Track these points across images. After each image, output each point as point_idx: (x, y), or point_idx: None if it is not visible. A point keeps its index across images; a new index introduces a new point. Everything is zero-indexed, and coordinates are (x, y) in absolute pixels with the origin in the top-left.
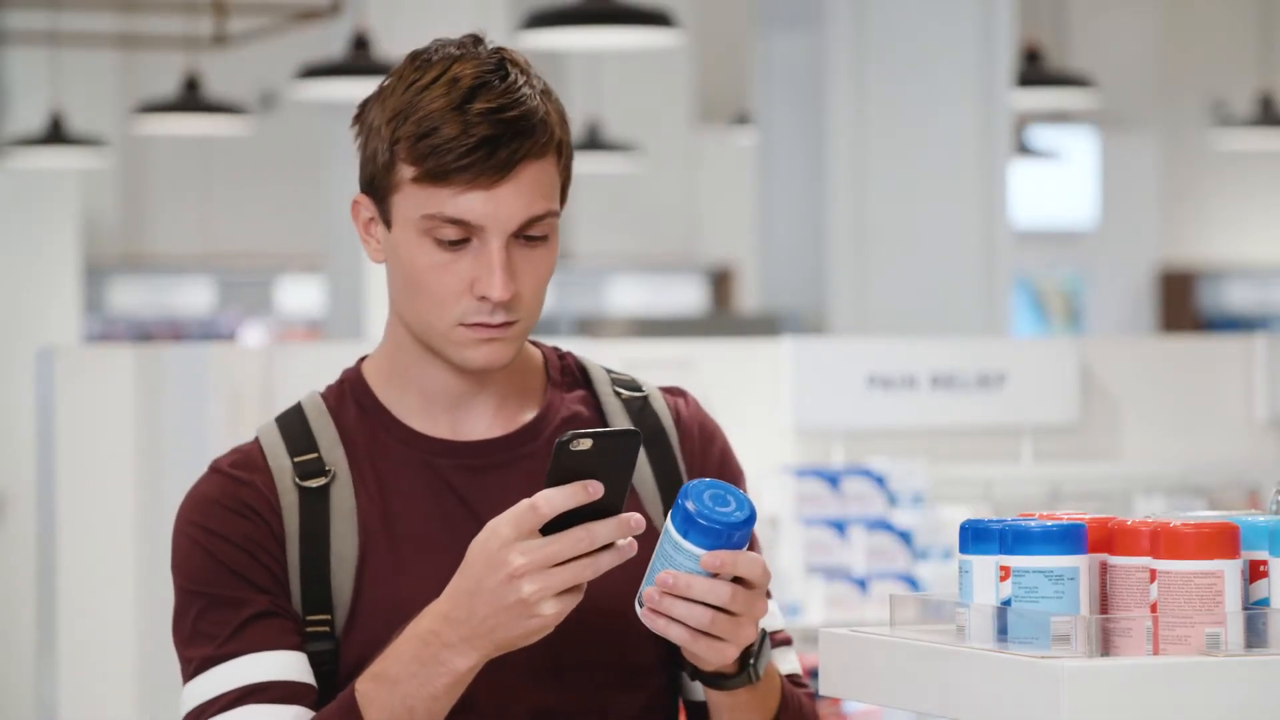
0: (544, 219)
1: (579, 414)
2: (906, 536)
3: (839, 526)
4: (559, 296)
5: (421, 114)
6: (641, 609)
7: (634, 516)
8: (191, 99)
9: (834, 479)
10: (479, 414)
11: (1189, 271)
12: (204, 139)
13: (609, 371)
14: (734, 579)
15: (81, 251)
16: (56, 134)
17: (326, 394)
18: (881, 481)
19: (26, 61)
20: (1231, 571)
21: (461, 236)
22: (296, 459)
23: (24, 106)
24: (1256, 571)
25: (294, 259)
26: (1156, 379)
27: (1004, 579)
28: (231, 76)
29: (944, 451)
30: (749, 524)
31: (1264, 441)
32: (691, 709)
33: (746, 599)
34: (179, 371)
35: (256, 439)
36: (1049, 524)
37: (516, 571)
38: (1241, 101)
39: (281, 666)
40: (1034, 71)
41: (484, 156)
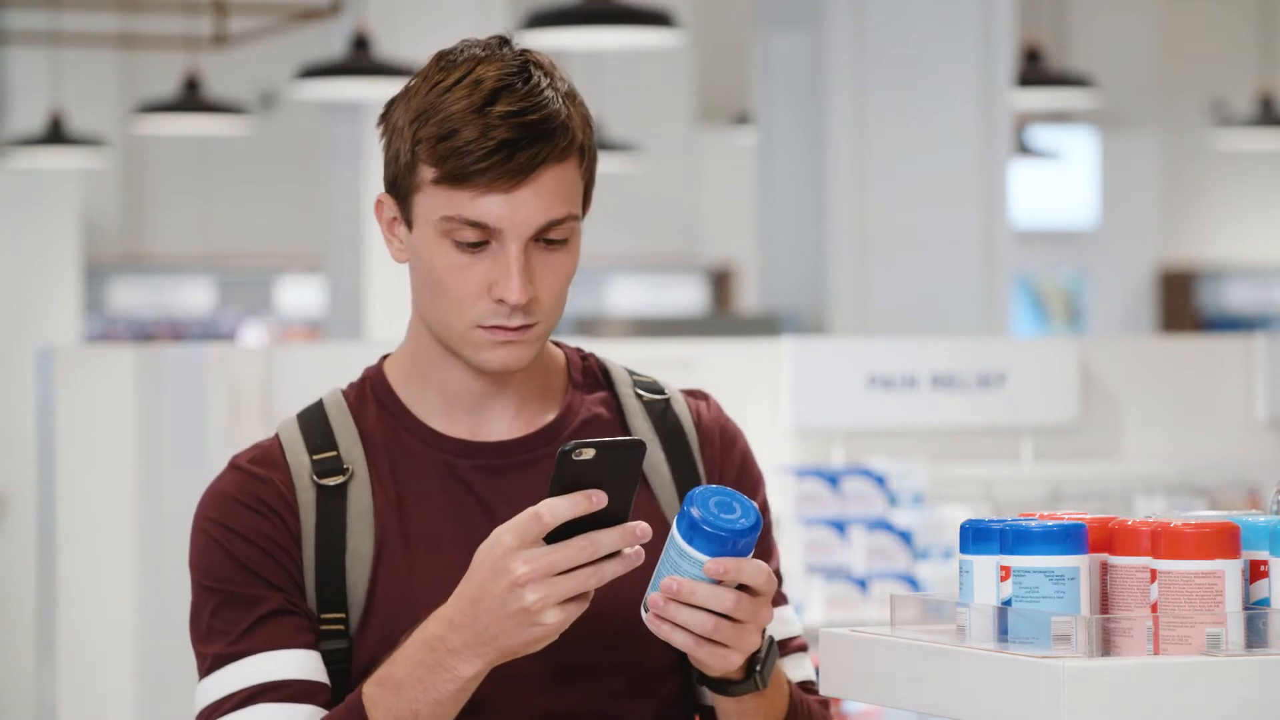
0: (564, 223)
1: (599, 415)
2: (906, 536)
3: (839, 526)
4: None
5: (443, 115)
6: (646, 614)
7: (640, 525)
8: (191, 99)
9: (834, 479)
10: (499, 415)
11: (1189, 271)
12: (204, 139)
13: (631, 373)
14: (739, 586)
15: (81, 251)
16: (56, 134)
17: (348, 391)
18: (881, 481)
19: (26, 61)
20: (1232, 571)
21: (480, 239)
22: (315, 457)
23: (24, 106)
24: (1257, 571)
25: (294, 259)
26: (1156, 379)
27: (1004, 579)
28: (231, 76)
29: (944, 451)
30: (754, 531)
31: (1264, 441)
32: (703, 714)
33: (751, 606)
34: (179, 371)
35: (277, 435)
36: (1049, 524)
37: (519, 580)
38: (1241, 101)
39: (294, 665)
40: (1034, 71)
41: (503, 159)
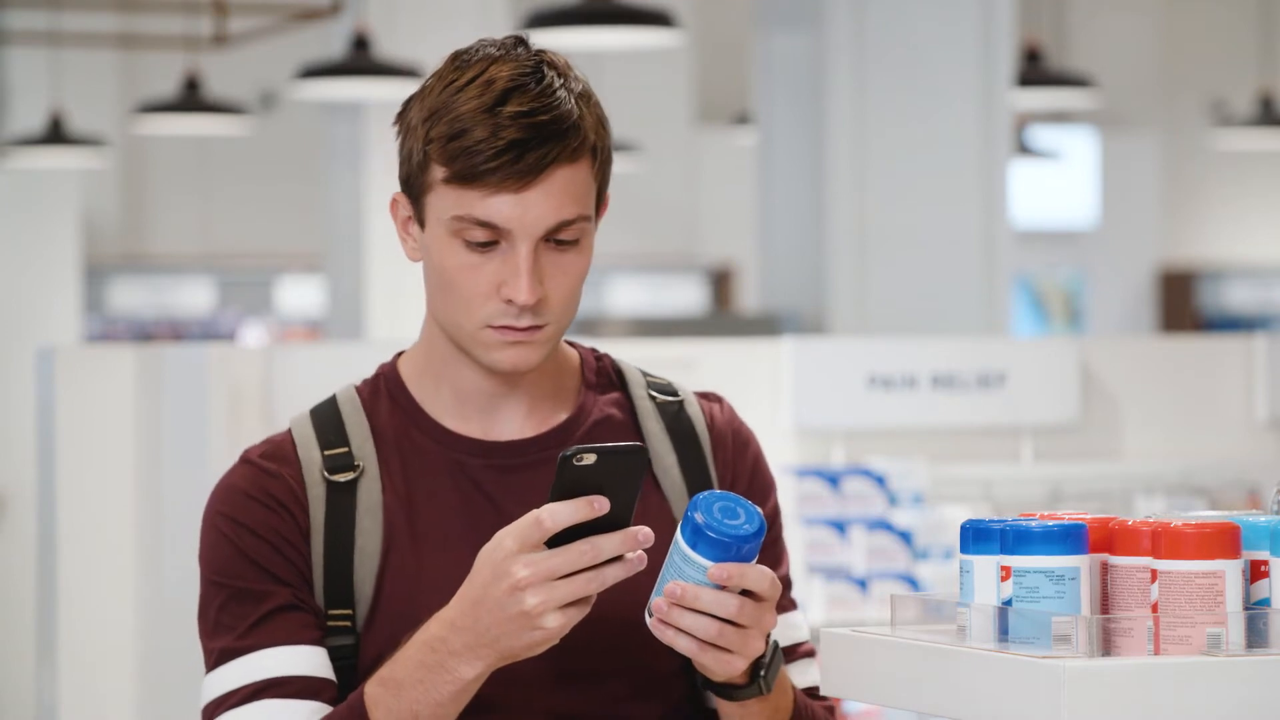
0: (574, 223)
1: (612, 416)
2: (906, 536)
3: (839, 526)
4: None
5: (454, 115)
6: (650, 619)
7: (642, 530)
8: (191, 99)
9: (834, 479)
10: (511, 414)
11: (1189, 271)
12: (204, 139)
13: (645, 374)
14: (743, 591)
15: (81, 251)
16: (56, 134)
17: (362, 388)
18: (881, 481)
19: (26, 61)
20: (1232, 571)
21: (490, 239)
22: (327, 452)
23: (24, 106)
24: (1257, 571)
25: (294, 259)
26: (1156, 379)
27: (1005, 579)
28: (231, 76)
29: (944, 451)
30: (758, 537)
31: (1264, 441)
32: (709, 718)
33: (754, 611)
34: (179, 371)
35: (289, 430)
36: (1050, 524)
37: (520, 583)
38: (1241, 101)
39: (300, 661)
40: (1034, 71)
41: (512, 160)
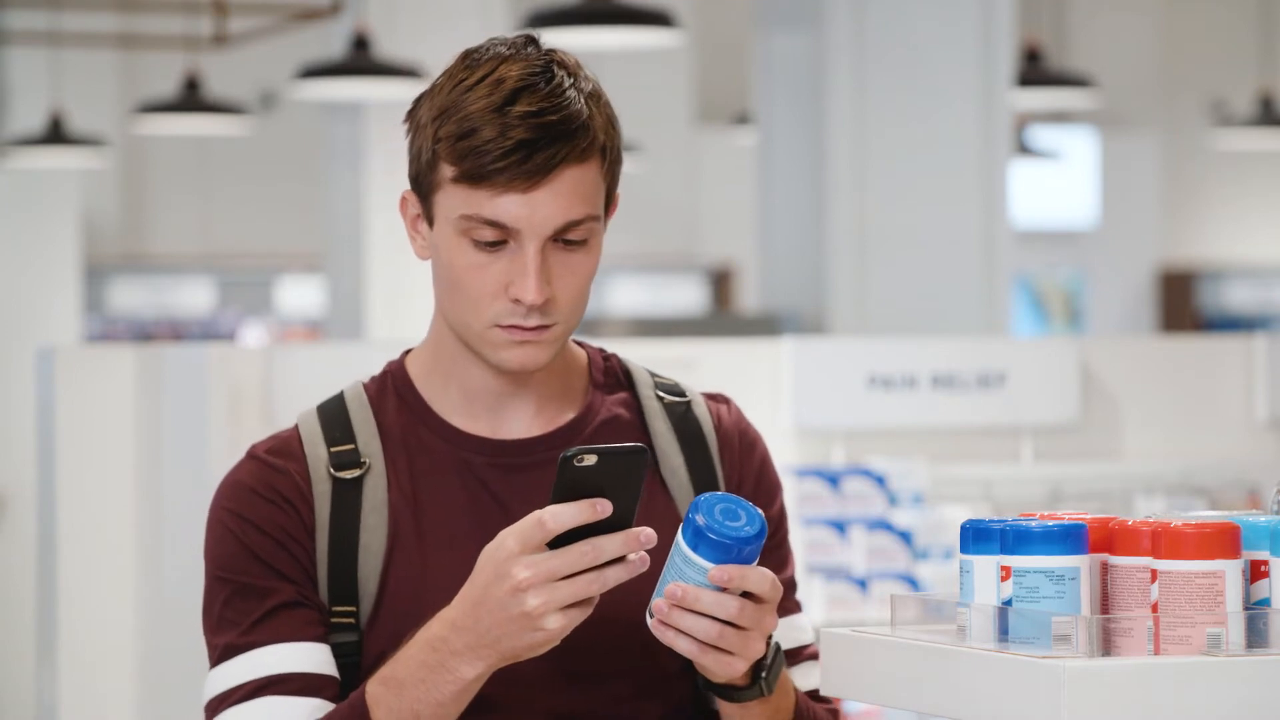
0: (583, 223)
1: (619, 416)
2: (906, 536)
3: (839, 526)
4: None
5: (463, 114)
6: (651, 620)
7: (644, 531)
8: (191, 99)
9: (834, 479)
10: (519, 413)
11: (1189, 271)
12: (204, 139)
13: (653, 375)
14: (744, 593)
15: (81, 251)
16: (56, 134)
17: (369, 385)
18: (881, 481)
19: (26, 61)
20: (1232, 571)
21: (498, 238)
22: (333, 449)
23: (24, 106)
24: (1257, 571)
25: (294, 259)
26: (1156, 379)
27: (1005, 579)
28: (231, 76)
29: (944, 451)
30: (759, 538)
31: (1264, 441)
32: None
33: (755, 613)
34: (179, 371)
35: (296, 426)
36: (1050, 524)
37: (521, 584)
38: (1241, 101)
39: (303, 658)
40: (1034, 71)
41: (520, 159)
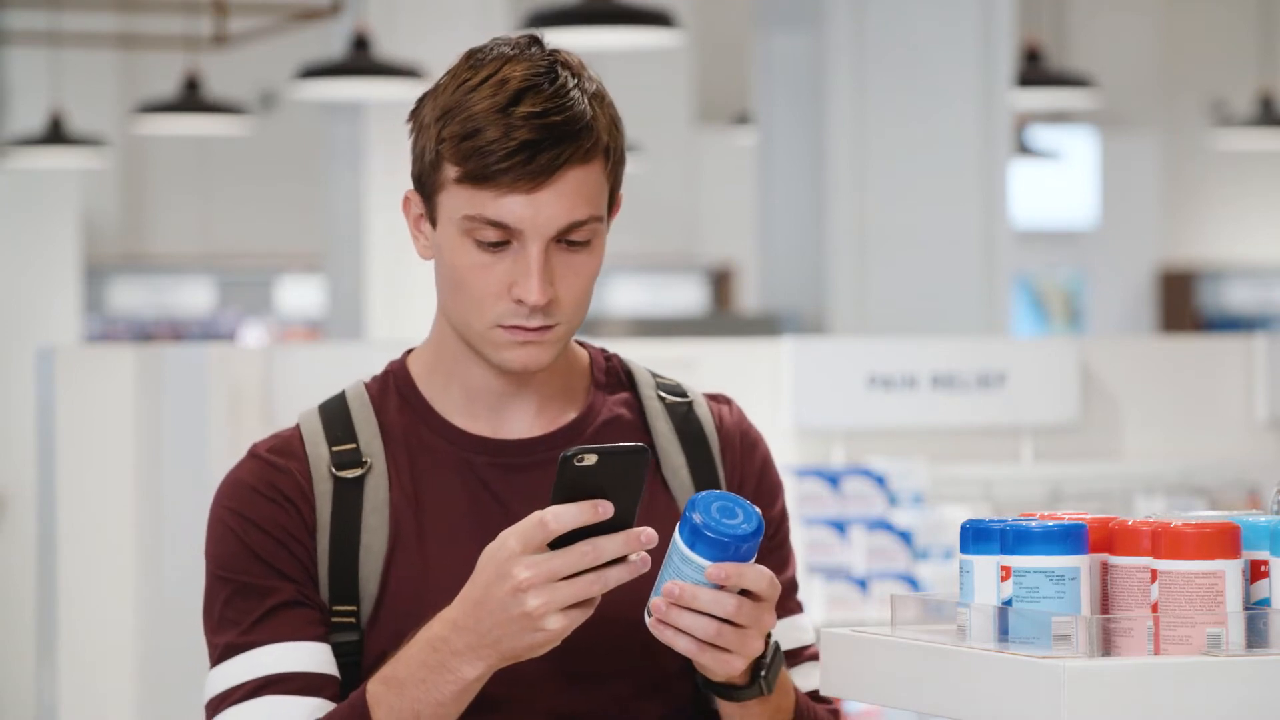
0: (586, 224)
1: (621, 416)
2: (906, 536)
3: (839, 526)
4: None
5: (467, 114)
6: (649, 619)
7: (645, 531)
8: (191, 99)
9: (834, 479)
10: (520, 413)
11: (1189, 271)
12: (204, 139)
13: (654, 375)
14: (741, 591)
15: (81, 251)
16: (56, 134)
17: (370, 384)
18: (881, 481)
19: (26, 61)
20: (1232, 571)
21: (501, 239)
22: (335, 448)
23: (24, 106)
24: (1257, 571)
25: (294, 259)
26: (1156, 379)
27: (1005, 579)
28: (231, 76)
29: (944, 451)
30: (756, 536)
31: (1264, 441)
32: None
33: (753, 611)
34: (179, 371)
35: (298, 425)
36: (1050, 524)
37: (521, 585)
38: (1241, 101)
39: (304, 657)
40: (1034, 71)
41: (524, 160)
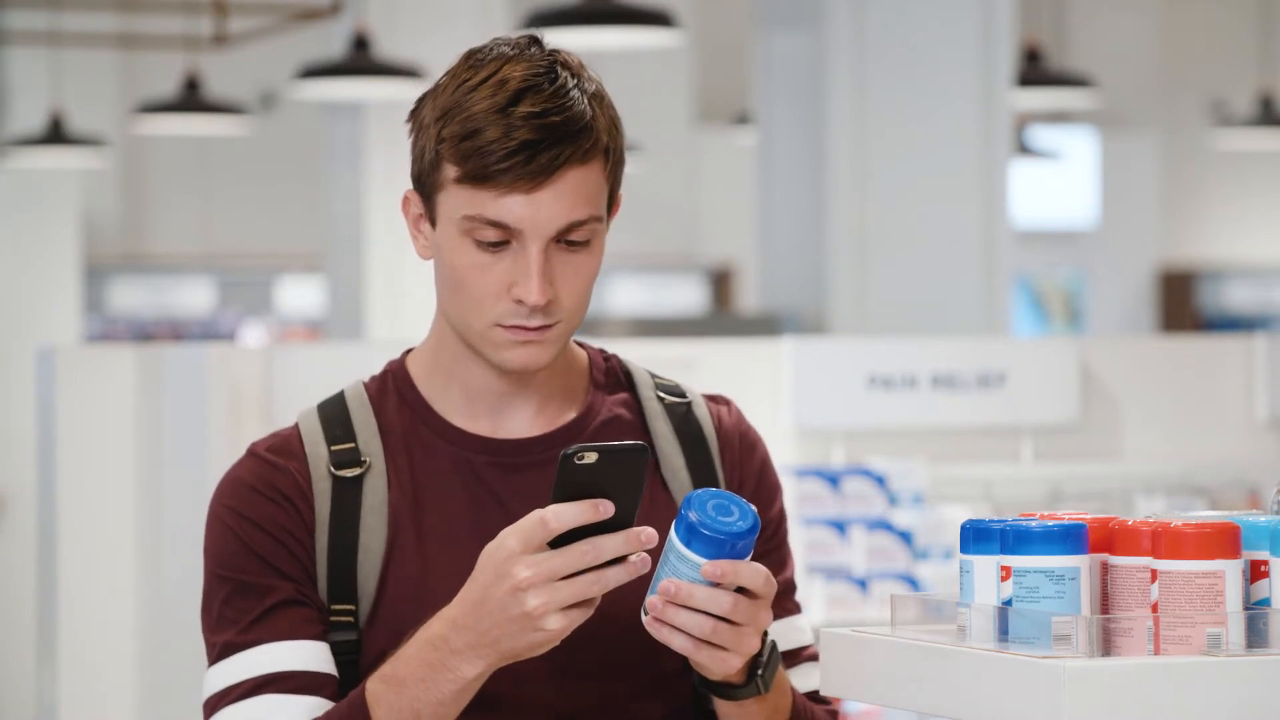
0: (585, 224)
1: (620, 416)
2: (906, 536)
3: (839, 526)
4: None
5: (466, 114)
6: (646, 617)
7: (645, 530)
8: (191, 99)
9: (834, 479)
10: (520, 413)
11: (1189, 271)
12: (204, 139)
13: (654, 376)
14: (738, 589)
15: (81, 251)
16: (56, 134)
17: (369, 384)
18: (881, 481)
19: (26, 61)
20: (1232, 571)
21: (501, 239)
22: (334, 447)
23: (24, 106)
24: (1257, 571)
25: (294, 259)
26: (1156, 379)
27: (1005, 579)
28: (231, 76)
29: (944, 451)
30: (752, 534)
31: (1264, 441)
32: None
33: (749, 609)
34: (179, 371)
35: (297, 424)
36: (1050, 524)
37: (521, 584)
38: (1241, 101)
39: (302, 656)
40: (1034, 71)
41: (524, 160)
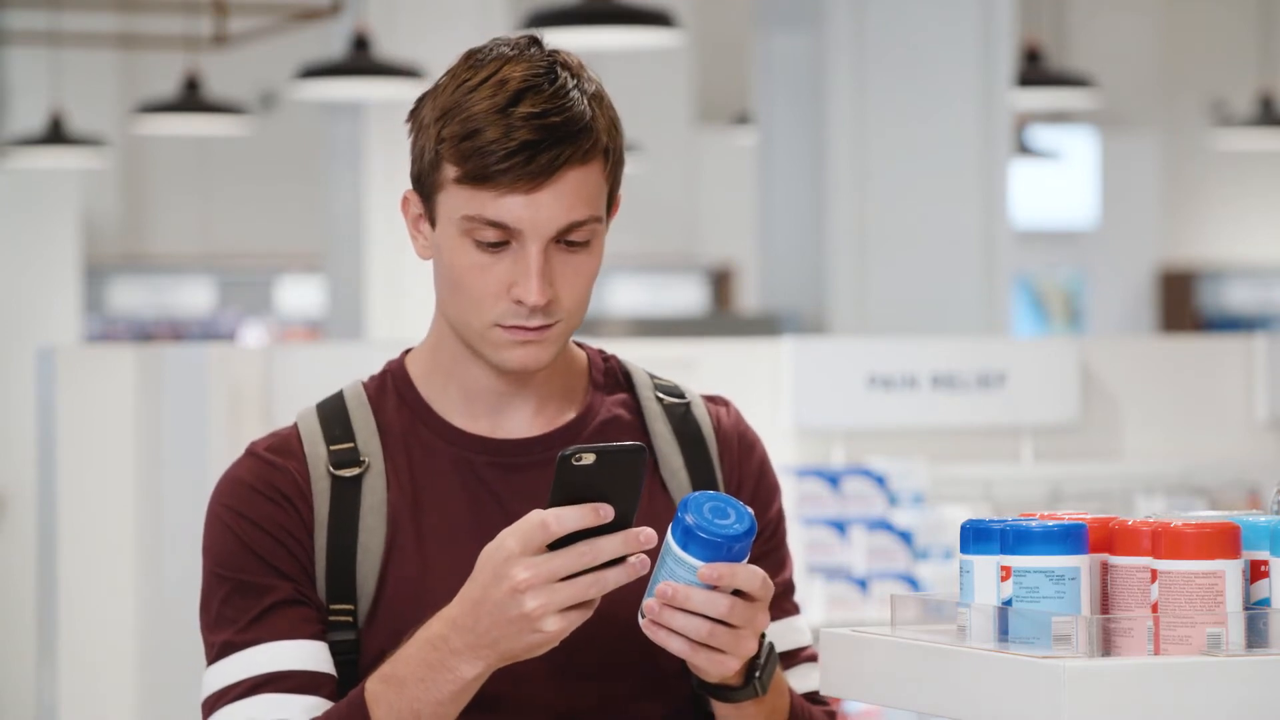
0: (585, 224)
1: (619, 417)
2: (906, 536)
3: (839, 526)
4: None
5: (466, 115)
6: (643, 620)
7: (644, 531)
8: (191, 99)
9: (834, 479)
10: (519, 413)
11: (1189, 271)
12: (204, 139)
13: (653, 376)
14: (734, 591)
15: (81, 251)
16: (56, 134)
17: (368, 384)
18: (881, 481)
19: (26, 61)
20: (1232, 571)
21: (501, 239)
22: (333, 447)
23: (24, 106)
24: (1257, 571)
25: (294, 259)
26: (1156, 379)
27: (1005, 579)
28: (231, 76)
29: (944, 451)
30: (748, 536)
31: (1264, 441)
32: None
33: (746, 611)
34: (179, 371)
35: (295, 424)
36: (1050, 524)
37: (520, 586)
38: (1241, 101)
39: (301, 655)
40: (1034, 71)
41: (523, 161)
